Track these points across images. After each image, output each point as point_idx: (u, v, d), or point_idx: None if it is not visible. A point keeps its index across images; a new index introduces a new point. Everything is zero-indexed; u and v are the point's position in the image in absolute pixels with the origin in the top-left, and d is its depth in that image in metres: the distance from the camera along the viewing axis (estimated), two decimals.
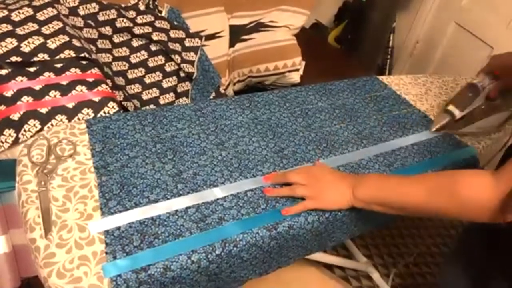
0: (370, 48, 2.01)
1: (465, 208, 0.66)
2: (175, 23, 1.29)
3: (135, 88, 1.23)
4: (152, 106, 1.23)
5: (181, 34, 1.28)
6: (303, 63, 1.47)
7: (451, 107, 1.00)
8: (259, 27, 1.41)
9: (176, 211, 0.70)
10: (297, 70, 1.45)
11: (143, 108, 1.21)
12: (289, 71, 1.43)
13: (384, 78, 1.20)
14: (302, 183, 0.75)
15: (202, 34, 1.33)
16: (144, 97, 1.24)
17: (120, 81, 1.19)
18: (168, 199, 0.72)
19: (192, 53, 1.28)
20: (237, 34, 1.40)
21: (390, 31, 2.11)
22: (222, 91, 1.36)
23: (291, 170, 0.81)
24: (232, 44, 1.41)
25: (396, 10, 2.08)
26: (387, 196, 0.73)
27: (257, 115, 0.95)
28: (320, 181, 0.76)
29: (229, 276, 0.72)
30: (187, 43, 1.28)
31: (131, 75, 1.23)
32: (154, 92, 1.26)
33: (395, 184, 0.73)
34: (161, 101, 1.26)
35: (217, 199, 0.74)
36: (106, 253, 0.62)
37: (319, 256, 1.45)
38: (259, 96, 1.01)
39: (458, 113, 0.99)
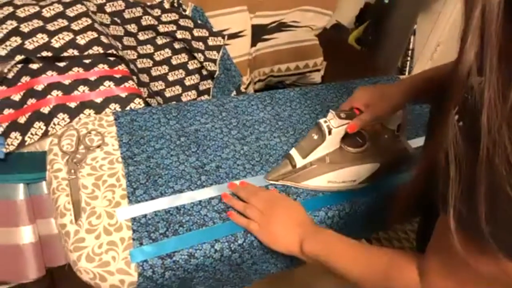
0: (391, 50, 2.00)
1: None
2: (199, 21, 1.31)
3: (159, 85, 1.25)
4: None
5: (204, 32, 1.30)
6: (325, 63, 1.48)
7: (293, 152, 0.78)
8: (281, 27, 1.42)
9: (200, 201, 0.72)
10: (318, 70, 1.45)
11: None
12: (310, 71, 1.44)
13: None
14: (258, 208, 0.71)
15: (224, 33, 1.35)
16: (167, 94, 1.26)
17: (144, 78, 1.21)
18: (192, 190, 0.74)
19: (214, 52, 1.30)
20: (259, 33, 1.42)
21: (411, 33, 2.10)
22: (243, 90, 1.38)
23: (255, 189, 0.76)
24: (253, 44, 1.42)
25: (418, 12, 2.07)
26: (331, 261, 0.64)
27: (278, 111, 0.96)
28: (274, 216, 0.70)
29: (250, 267, 0.73)
30: (210, 41, 1.30)
31: (155, 72, 1.26)
32: (177, 89, 1.28)
33: (340, 252, 0.64)
34: (183, 98, 1.28)
35: None
36: (133, 239, 0.64)
37: None
38: (280, 93, 1.02)
39: (299, 161, 0.77)
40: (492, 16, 0.33)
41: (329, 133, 0.75)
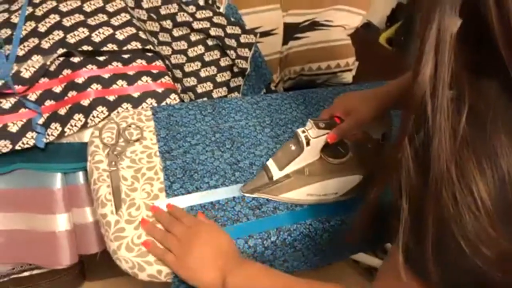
0: None
1: None
2: (232, 19, 1.32)
3: (191, 81, 1.27)
4: (205, 99, 1.27)
5: (237, 30, 1.31)
6: (357, 63, 1.48)
7: (270, 163, 0.73)
8: (314, 25, 1.43)
9: (234, 197, 0.74)
10: (350, 70, 1.45)
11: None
12: (342, 71, 1.44)
13: None
14: (177, 237, 0.63)
15: (257, 31, 1.36)
16: (199, 90, 1.28)
17: (177, 73, 1.24)
18: (226, 185, 0.75)
19: (246, 49, 1.31)
20: (291, 32, 1.42)
21: None
22: (273, 88, 1.39)
23: (179, 215, 0.67)
24: (285, 42, 1.43)
25: None
26: None
27: (311, 111, 0.97)
28: (193, 246, 0.62)
29: (282, 264, 0.74)
30: (242, 39, 1.31)
31: (187, 68, 1.28)
32: (208, 85, 1.30)
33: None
34: (214, 95, 1.30)
35: None
36: None
37: (357, 257, 1.45)
38: (313, 92, 1.02)
39: (276, 173, 0.72)
40: (445, 43, 0.32)
41: (307, 144, 0.69)
